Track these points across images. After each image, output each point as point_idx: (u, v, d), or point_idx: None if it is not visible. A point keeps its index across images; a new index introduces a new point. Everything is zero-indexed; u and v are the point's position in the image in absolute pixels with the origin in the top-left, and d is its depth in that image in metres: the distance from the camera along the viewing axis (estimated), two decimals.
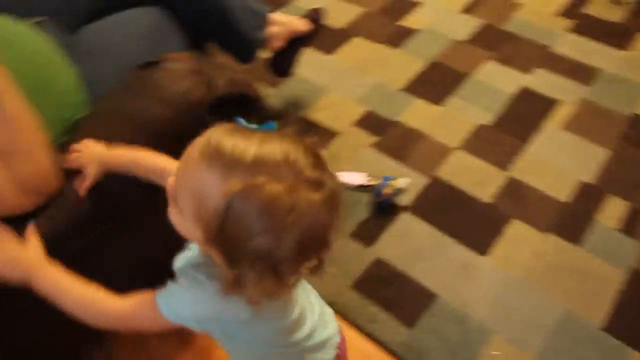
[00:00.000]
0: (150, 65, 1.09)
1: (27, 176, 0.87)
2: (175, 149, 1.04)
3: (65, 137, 1.04)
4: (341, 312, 1.39)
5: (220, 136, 0.62)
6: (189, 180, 0.63)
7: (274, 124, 0.66)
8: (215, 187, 0.60)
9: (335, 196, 0.63)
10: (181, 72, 1.06)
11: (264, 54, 1.73)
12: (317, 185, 0.61)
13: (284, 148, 0.61)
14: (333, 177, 0.64)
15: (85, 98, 1.12)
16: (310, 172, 0.61)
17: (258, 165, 0.59)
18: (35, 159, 0.90)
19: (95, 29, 1.25)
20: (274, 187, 0.58)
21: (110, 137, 0.98)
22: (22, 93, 0.90)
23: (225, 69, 1.26)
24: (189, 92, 1.03)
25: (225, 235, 0.60)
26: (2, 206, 0.84)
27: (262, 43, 1.64)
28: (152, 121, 0.99)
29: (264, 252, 0.60)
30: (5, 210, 0.85)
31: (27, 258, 0.80)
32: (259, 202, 0.58)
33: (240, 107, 1.26)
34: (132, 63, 1.18)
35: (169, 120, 1.00)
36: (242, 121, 0.66)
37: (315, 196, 0.60)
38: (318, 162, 0.63)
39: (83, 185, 0.93)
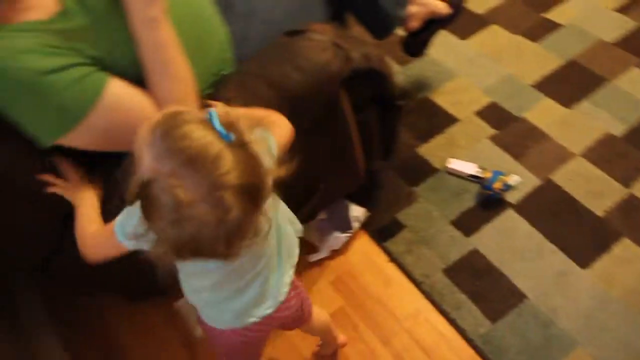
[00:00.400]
0: (295, 33, 1.19)
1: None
2: (307, 115, 1.16)
3: (210, 90, 1.18)
4: (426, 292, 1.46)
5: (185, 121, 0.68)
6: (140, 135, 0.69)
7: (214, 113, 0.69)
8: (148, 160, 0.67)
9: (229, 221, 0.66)
10: (323, 44, 1.14)
11: (399, 32, 1.77)
12: (218, 205, 0.66)
13: (220, 159, 0.65)
14: (241, 207, 0.67)
15: (233, 56, 1.25)
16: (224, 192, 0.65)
17: (190, 164, 0.65)
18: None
19: None
20: (186, 194, 0.65)
21: (250, 97, 1.10)
22: (181, 43, 1.03)
23: (361, 43, 1.31)
24: (328, 64, 1.12)
25: (140, 202, 0.69)
26: None
27: (401, 21, 1.68)
28: (291, 88, 1.09)
29: (164, 236, 0.68)
30: None
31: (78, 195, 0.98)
32: (172, 199, 0.65)
33: (369, 81, 1.33)
34: (279, 28, 1.29)
35: (306, 89, 1.10)
36: (212, 114, 0.69)
37: (210, 216, 0.66)
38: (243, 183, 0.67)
39: None
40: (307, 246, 1.58)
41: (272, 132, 0.89)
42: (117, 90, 0.96)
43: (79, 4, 1.00)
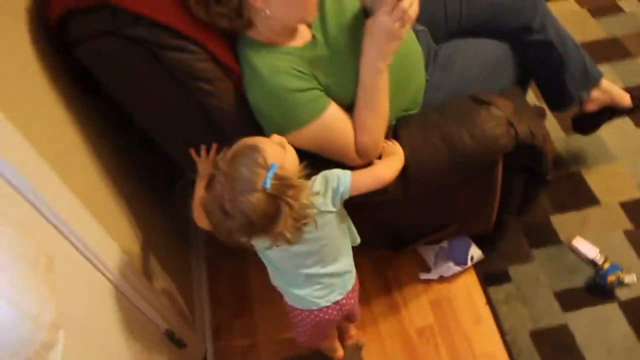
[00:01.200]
0: (480, 102, 1.40)
1: (364, 147, 1.30)
2: (465, 172, 1.38)
3: (394, 122, 1.44)
4: (507, 343, 1.64)
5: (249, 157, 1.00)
6: None
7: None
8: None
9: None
10: (499, 120, 1.35)
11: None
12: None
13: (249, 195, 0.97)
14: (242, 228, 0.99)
15: (422, 100, 1.50)
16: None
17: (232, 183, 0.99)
18: (376, 136, 1.31)
19: (454, 49, 1.58)
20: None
21: (423, 141, 1.35)
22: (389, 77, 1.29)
23: (532, 117, 1.48)
24: (498, 139, 1.33)
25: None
26: (345, 159, 1.30)
27: (579, 101, 1.79)
28: (461, 149, 1.32)
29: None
30: (347, 161, 1.30)
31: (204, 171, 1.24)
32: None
33: (528, 155, 1.50)
34: (469, 86, 1.51)
35: (473, 154, 1.32)
36: (274, 166, 0.99)
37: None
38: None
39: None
40: (421, 264, 1.83)
41: (353, 174, 1.15)
42: (333, 114, 1.26)
43: (325, 37, 1.30)
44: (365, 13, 1.33)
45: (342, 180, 1.14)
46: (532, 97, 2.02)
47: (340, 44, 1.29)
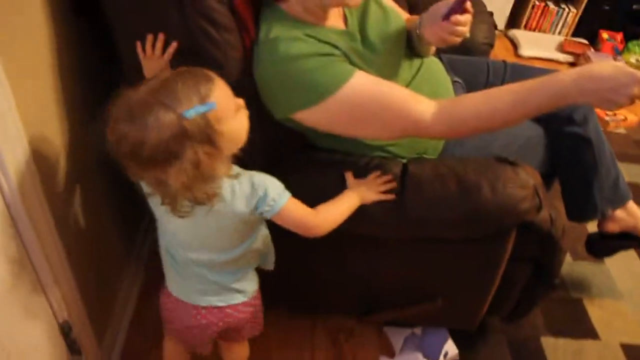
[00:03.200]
0: (507, 161, 1.22)
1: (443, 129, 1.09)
2: (472, 230, 1.17)
3: (405, 160, 1.25)
4: None
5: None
6: None
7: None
8: None
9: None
10: (525, 183, 1.16)
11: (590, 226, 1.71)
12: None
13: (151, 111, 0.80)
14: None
15: (440, 148, 1.32)
16: None
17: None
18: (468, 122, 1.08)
19: None
20: None
21: (435, 181, 1.15)
22: None
23: (555, 209, 1.30)
24: (520, 201, 1.13)
25: None
26: (399, 115, 1.07)
27: (601, 216, 1.62)
28: (476, 200, 1.12)
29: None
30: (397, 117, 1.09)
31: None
32: None
33: (541, 243, 1.30)
34: (495, 152, 1.34)
35: (488, 210, 1.12)
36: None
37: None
38: None
39: None
40: (385, 347, 1.55)
41: (294, 199, 0.97)
42: (365, 78, 1.05)
43: (362, 36, 1.15)
44: (408, 36, 1.26)
45: (272, 204, 0.94)
46: None
47: (377, 49, 1.15)
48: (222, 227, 0.95)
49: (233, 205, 0.92)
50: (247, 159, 0.92)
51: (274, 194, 0.94)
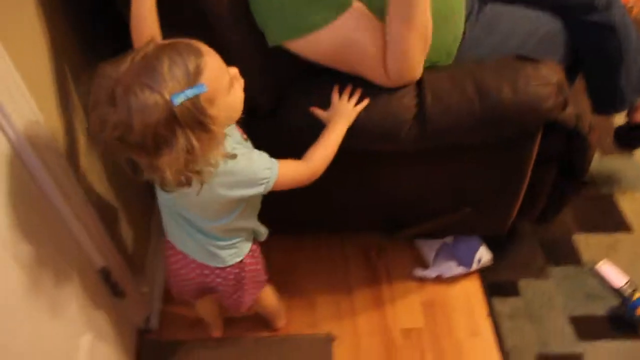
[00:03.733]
0: (527, 59, 1.16)
1: (399, 69, 1.07)
2: (494, 134, 1.14)
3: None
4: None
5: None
6: None
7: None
8: None
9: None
10: (548, 80, 1.11)
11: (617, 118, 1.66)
12: None
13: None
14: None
15: (455, 54, 1.27)
16: None
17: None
18: (414, 57, 1.08)
19: (503, 10, 1.35)
20: None
21: (453, 88, 1.11)
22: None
23: (580, 105, 1.26)
24: (544, 99, 1.08)
25: None
26: (370, 76, 1.09)
27: (629, 106, 1.56)
28: (496, 102, 1.08)
29: None
30: (373, 79, 1.09)
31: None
32: None
33: (568, 141, 1.26)
34: (513, 51, 1.27)
35: (510, 111, 1.08)
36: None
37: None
38: None
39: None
40: (418, 259, 1.57)
41: (282, 164, 0.94)
42: (355, 18, 1.02)
43: None
44: None
45: (264, 184, 0.91)
46: None
47: None
48: (205, 201, 0.90)
49: (221, 187, 0.88)
50: (252, 101, 0.90)
51: (262, 173, 0.91)
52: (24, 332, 0.89)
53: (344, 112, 1.08)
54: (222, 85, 0.80)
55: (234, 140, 0.91)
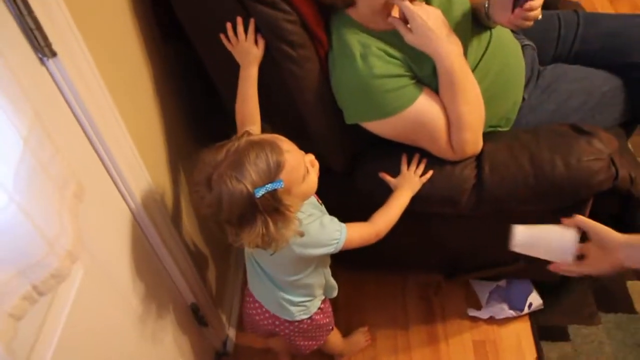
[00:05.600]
0: (581, 131, 1.24)
1: (463, 143, 1.20)
2: (550, 203, 1.23)
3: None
4: None
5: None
6: None
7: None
8: None
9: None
10: (600, 154, 1.19)
11: None
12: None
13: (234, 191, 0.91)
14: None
15: (514, 118, 1.36)
16: None
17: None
18: (476, 131, 1.21)
19: (563, 71, 1.43)
20: None
21: (509, 159, 1.21)
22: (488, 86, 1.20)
23: (634, 163, 1.31)
24: (595, 174, 1.17)
25: None
26: (434, 151, 1.22)
27: None
28: (550, 176, 1.17)
29: None
30: (436, 153, 1.22)
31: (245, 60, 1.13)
32: None
33: (621, 202, 1.33)
34: (568, 115, 1.36)
35: (563, 184, 1.17)
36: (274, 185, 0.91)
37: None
38: None
39: None
40: (472, 300, 1.67)
41: (351, 227, 1.08)
42: (423, 105, 1.15)
43: None
44: (474, 15, 1.25)
45: (334, 245, 1.05)
46: None
47: None
48: (282, 259, 1.06)
49: (298, 249, 1.03)
50: (329, 162, 1.03)
51: (333, 235, 1.05)
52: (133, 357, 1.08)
53: (410, 181, 1.21)
54: (298, 177, 0.96)
55: (311, 204, 1.07)
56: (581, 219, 0.96)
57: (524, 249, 1.05)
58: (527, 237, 1.04)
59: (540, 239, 1.04)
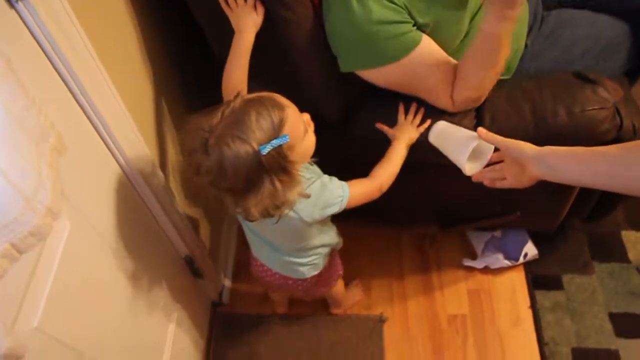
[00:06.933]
0: (586, 79, 1.20)
1: (467, 100, 1.15)
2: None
3: None
4: (543, 355, 1.49)
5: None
6: None
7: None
8: None
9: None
10: (605, 103, 1.14)
11: None
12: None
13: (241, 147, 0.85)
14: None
15: (516, 66, 1.31)
16: None
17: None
18: (483, 92, 1.16)
19: (567, 17, 1.37)
20: None
21: (511, 110, 1.17)
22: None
23: (637, 112, 1.28)
24: (599, 123, 1.13)
25: None
26: (434, 102, 1.17)
27: None
28: (553, 125, 1.14)
29: None
30: (437, 104, 1.17)
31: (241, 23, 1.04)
32: None
33: None
34: (572, 62, 1.31)
35: (566, 133, 1.13)
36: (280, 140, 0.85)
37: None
38: None
39: None
40: (467, 250, 1.67)
41: (352, 184, 1.04)
42: (422, 54, 1.09)
43: None
44: None
45: (339, 203, 1.01)
46: None
47: None
48: (282, 228, 0.99)
49: (302, 215, 0.99)
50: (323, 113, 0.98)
51: (337, 192, 1.01)
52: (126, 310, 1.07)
53: (408, 131, 1.16)
54: (299, 133, 0.90)
55: (305, 168, 1.02)
56: (485, 132, 0.97)
57: (436, 142, 1.12)
58: (440, 131, 1.12)
59: (449, 136, 1.09)
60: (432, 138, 1.13)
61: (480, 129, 0.98)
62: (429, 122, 1.17)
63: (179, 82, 1.35)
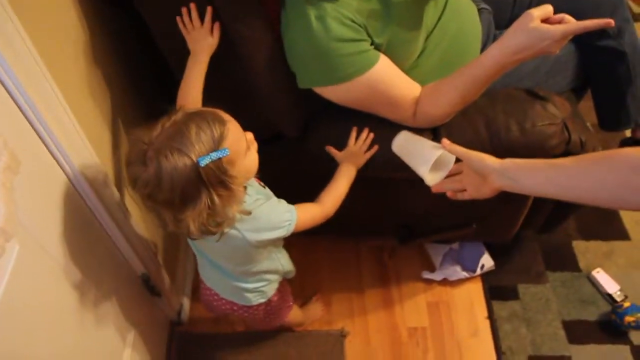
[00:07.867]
0: (536, 95, 1.24)
1: (432, 118, 1.17)
2: None
3: None
4: None
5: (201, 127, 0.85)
6: None
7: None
8: None
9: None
10: (554, 119, 1.19)
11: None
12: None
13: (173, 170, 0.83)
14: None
15: None
16: None
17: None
18: (450, 113, 1.18)
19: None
20: None
21: (465, 125, 1.20)
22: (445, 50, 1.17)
23: (584, 128, 1.33)
24: (549, 138, 1.17)
25: None
26: (394, 118, 1.19)
27: (635, 126, 1.63)
28: (505, 140, 1.18)
29: None
30: (396, 120, 1.19)
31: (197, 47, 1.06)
32: None
33: None
34: (522, 79, 1.36)
35: (518, 148, 1.17)
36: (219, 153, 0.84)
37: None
38: None
39: None
40: (426, 262, 1.69)
41: (300, 208, 1.03)
42: (380, 72, 1.11)
43: None
44: None
45: (286, 227, 1.00)
46: None
47: (402, 10, 1.14)
48: (229, 249, 1.00)
49: (245, 235, 0.96)
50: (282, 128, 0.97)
51: (284, 216, 1.00)
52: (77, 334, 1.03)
53: (355, 156, 1.19)
54: (241, 149, 0.89)
55: (254, 190, 1.01)
56: (449, 143, 1.00)
57: (399, 151, 1.14)
58: (404, 140, 1.14)
59: (412, 145, 1.12)
60: (395, 147, 1.15)
61: (444, 139, 1.00)
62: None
63: (136, 100, 1.33)
